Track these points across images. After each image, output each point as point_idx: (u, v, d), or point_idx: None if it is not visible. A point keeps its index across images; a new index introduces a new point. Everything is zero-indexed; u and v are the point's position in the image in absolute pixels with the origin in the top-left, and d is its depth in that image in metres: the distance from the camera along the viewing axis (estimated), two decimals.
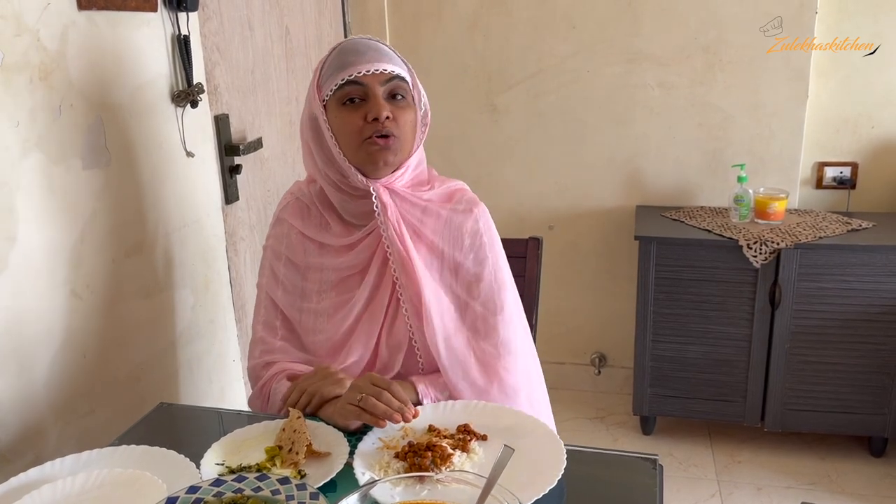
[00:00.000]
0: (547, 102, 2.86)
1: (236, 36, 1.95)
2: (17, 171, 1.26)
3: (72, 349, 1.40)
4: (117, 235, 1.51)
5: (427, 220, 1.38)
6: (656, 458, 1.10)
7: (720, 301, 2.53)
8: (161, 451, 1.13)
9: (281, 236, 1.43)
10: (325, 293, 1.39)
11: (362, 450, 1.11)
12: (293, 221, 1.42)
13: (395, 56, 1.33)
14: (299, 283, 1.41)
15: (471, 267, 1.39)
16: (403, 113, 1.30)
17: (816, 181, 2.78)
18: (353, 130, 1.28)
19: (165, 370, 1.69)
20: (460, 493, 0.91)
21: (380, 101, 1.27)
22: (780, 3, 2.56)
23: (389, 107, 1.28)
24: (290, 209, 1.43)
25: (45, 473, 1.08)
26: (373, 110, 1.27)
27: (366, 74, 1.27)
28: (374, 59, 1.28)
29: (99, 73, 1.44)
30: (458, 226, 1.39)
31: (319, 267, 1.39)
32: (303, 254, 1.41)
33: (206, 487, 0.98)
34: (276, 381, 1.35)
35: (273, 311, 1.43)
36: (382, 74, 1.28)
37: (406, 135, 1.31)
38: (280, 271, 1.42)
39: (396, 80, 1.29)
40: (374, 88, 1.27)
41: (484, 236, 1.40)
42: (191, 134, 1.72)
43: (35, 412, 1.32)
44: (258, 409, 1.40)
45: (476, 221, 1.40)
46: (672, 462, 2.63)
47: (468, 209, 1.40)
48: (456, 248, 1.38)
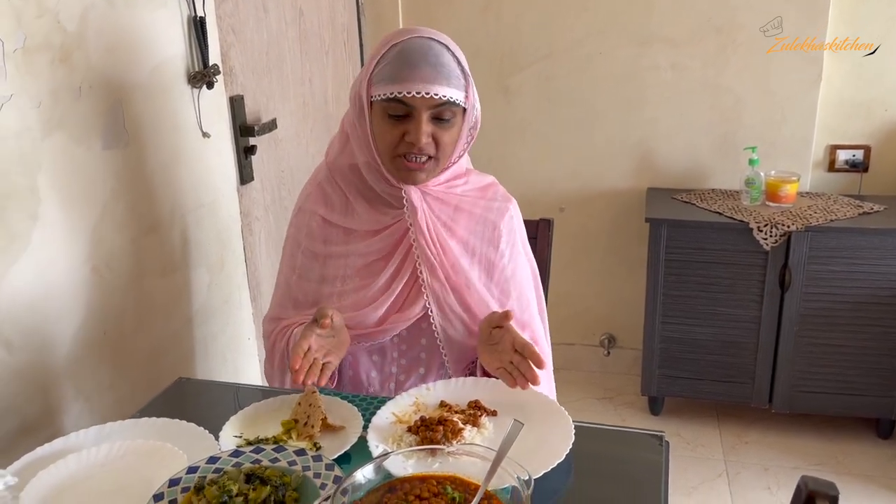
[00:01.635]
0: (559, 85, 2.86)
1: (251, 17, 1.97)
2: (39, 151, 1.29)
3: (93, 325, 1.44)
4: (135, 215, 1.54)
5: (460, 217, 1.39)
6: (662, 435, 1.13)
7: (730, 283, 2.54)
8: (181, 423, 1.17)
9: (301, 225, 1.44)
10: (349, 278, 1.41)
11: (376, 424, 1.14)
12: (317, 209, 1.42)
13: (453, 68, 1.26)
14: (318, 271, 1.42)
15: (505, 265, 1.41)
16: (446, 133, 1.28)
17: (829, 164, 2.77)
18: (391, 144, 1.27)
19: (182, 347, 1.73)
20: (471, 465, 0.94)
21: (422, 126, 1.24)
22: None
23: (432, 128, 1.26)
24: (313, 198, 1.43)
25: (69, 444, 1.12)
26: (412, 133, 1.25)
27: (415, 96, 1.22)
28: (428, 78, 1.22)
29: (117, 54, 1.46)
30: (492, 223, 1.41)
31: (344, 254, 1.41)
32: (323, 243, 1.42)
33: (226, 458, 1.02)
34: (282, 337, 1.41)
35: (287, 296, 1.46)
36: (432, 100, 1.23)
37: (445, 153, 1.30)
38: (298, 259, 1.44)
39: (446, 104, 1.25)
40: (420, 112, 1.24)
41: (517, 233, 1.44)
42: (207, 115, 1.74)
43: (58, 386, 1.36)
44: (271, 376, 1.46)
45: (511, 219, 1.43)
46: (679, 442, 2.66)
47: (503, 207, 1.42)
48: (491, 246, 1.40)
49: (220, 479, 0.96)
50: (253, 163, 1.97)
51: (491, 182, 1.46)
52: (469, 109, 1.30)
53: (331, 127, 2.47)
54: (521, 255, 1.45)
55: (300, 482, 0.98)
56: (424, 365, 1.43)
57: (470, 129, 1.34)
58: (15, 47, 1.22)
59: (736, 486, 2.42)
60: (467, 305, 1.37)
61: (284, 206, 2.17)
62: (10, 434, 1.25)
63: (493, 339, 1.25)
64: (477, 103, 1.33)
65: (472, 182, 1.43)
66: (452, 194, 1.39)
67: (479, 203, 1.41)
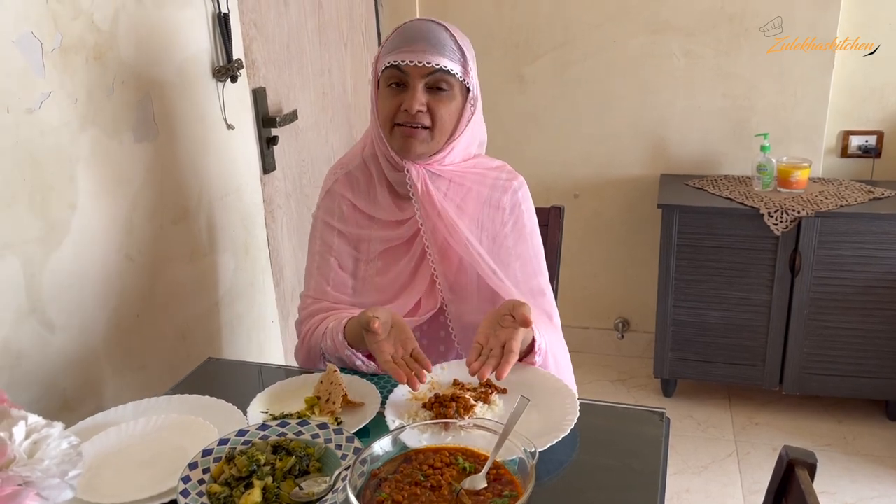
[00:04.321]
0: (573, 72, 2.91)
1: (272, 11, 2.03)
2: (77, 144, 1.37)
3: (126, 308, 1.52)
4: (165, 203, 1.63)
5: (468, 196, 1.45)
6: (663, 412, 1.19)
7: (741, 268, 2.59)
8: (211, 399, 1.25)
9: (332, 209, 1.50)
10: (371, 262, 1.48)
11: (393, 400, 1.21)
12: (345, 193, 1.49)
13: (450, 45, 1.34)
14: (353, 253, 1.49)
15: (511, 242, 1.45)
16: (442, 105, 1.35)
17: (842, 150, 2.80)
18: (388, 114, 1.37)
19: (209, 329, 1.81)
20: (481, 438, 1.01)
21: (416, 93, 1.33)
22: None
23: (427, 98, 1.34)
24: (341, 182, 1.50)
25: (109, 418, 1.20)
26: (406, 101, 1.33)
27: (409, 65, 1.32)
28: (424, 49, 1.31)
29: (147, 51, 1.54)
30: (497, 200, 1.46)
31: (367, 238, 1.48)
32: (355, 225, 1.48)
33: (254, 431, 1.09)
34: (322, 324, 1.42)
35: (323, 275, 1.49)
36: (425, 68, 1.31)
37: (444, 124, 1.37)
38: (334, 242, 1.49)
39: (440, 72, 1.32)
40: (415, 80, 1.33)
41: (522, 207, 1.47)
42: (231, 107, 1.82)
43: (95, 366, 1.45)
44: (302, 359, 1.50)
45: (515, 193, 1.47)
46: (691, 423, 2.72)
47: (507, 183, 1.47)
48: (497, 223, 1.45)
49: (248, 450, 1.04)
50: (275, 153, 2.05)
51: (500, 164, 1.51)
52: (471, 88, 1.38)
53: (350, 117, 2.54)
54: (525, 228, 1.47)
55: (322, 453, 1.06)
56: (444, 343, 1.50)
57: (471, 102, 1.40)
58: (53, 47, 1.30)
59: (745, 465, 2.48)
60: (478, 284, 1.42)
61: (305, 193, 2.25)
62: (55, 409, 1.34)
63: (501, 322, 1.23)
64: (476, 84, 1.39)
65: (480, 165, 1.48)
66: (457, 173, 1.44)
67: (485, 180, 1.46)
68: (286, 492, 0.97)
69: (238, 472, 0.99)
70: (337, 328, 1.36)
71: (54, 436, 0.85)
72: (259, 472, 1.00)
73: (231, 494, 0.97)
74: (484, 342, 1.21)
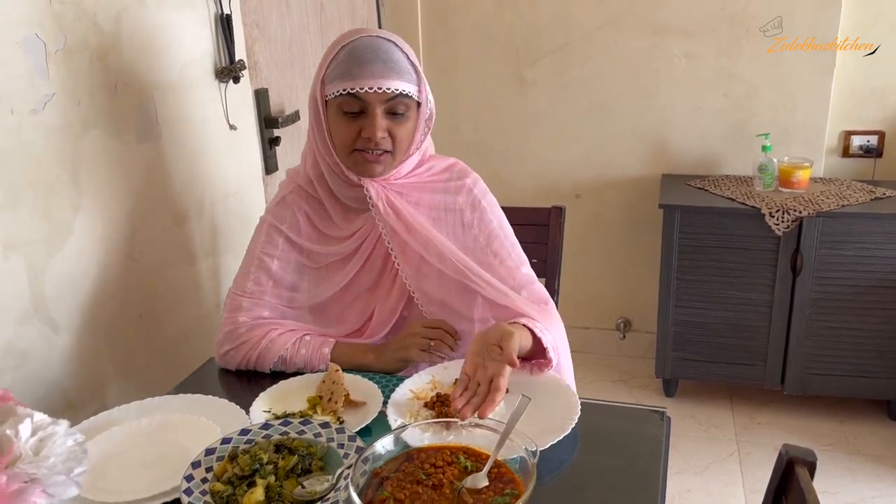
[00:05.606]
0: (574, 74, 2.91)
1: (274, 12, 2.04)
2: (79, 146, 1.37)
3: (129, 309, 1.53)
4: (168, 204, 1.63)
5: (422, 205, 1.43)
6: (664, 411, 1.20)
7: (742, 268, 2.59)
8: (214, 399, 1.26)
9: (282, 216, 1.46)
10: (321, 270, 1.47)
11: (395, 399, 1.22)
12: (303, 205, 1.46)
13: (404, 64, 1.31)
14: (298, 259, 1.46)
15: (483, 240, 1.43)
16: (401, 128, 1.33)
17: (843, 150, 2.80)
18: (347, 140, 1.33)
19: (210, 330, 1.81)
20: (482, 437, 1.02)
21: (377, 121, 1.29)
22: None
23: (387, 123, 1.31)
24: (297, 193, 1.47)
25: (113, 417, 1.21)
26: (368, 129, 1.30)
27: (367, 92, 1.27)
28: (379, 73, 1.27)
29: (149, 52, 1.55)
30: (451, 202, 1.44)
31: (318, 250, 1.46)
32: (307, 239, 1.46)
33: (256, 430, 1.10)
34: (302, 343, 1.41)
35: (265, 277, 1.45)
36: (385, 94, 1.28)
37: (402, 145, 1.35)
38: (279, 245, 1.46)
39: (399, 97, 1.30)
40: (374, 108, 1.29)
41: (481, 202, 1.44)
42: (233, 108, 1.82)
43: (98, 366, 1.45)
44: (238, 360, 1.42)
45: (470, 192, 1.44)
46: (692, 423, 2.72)
47: (459, 184, 1.44)
48: (458, 225, 1.44)
49: (251, 448, 1.04)
50: (277, 153, 2.05)
51: (453, 163, 1.49)
52: (423, 103, 1.36)
53: None
54: (492, 223, 1.44)
55: (325, 452, 1.06)
56: None
57: (426, 122, 1.39)
58: (56, 48, 1.31)
59: (747, 465, 2.48)
60: (448, 281, 1.40)
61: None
62: (58, 409, 1.34)
63: (490, 352, 1.16)
64: (431, 100, 1.38)
65: (434, 167, 1.46)
66: (412, 185, 1.42)
67: (438, 186, 1.44)
68: (289, 490, 0.98)
69: (241, 471, 1.00)
70: (321, 346, 1.40)
71: (60, 433, 0.86)
72: (262, 470, 1.00)
73: (234, 493, 0.97)
74: (472, 374, 1.14)
